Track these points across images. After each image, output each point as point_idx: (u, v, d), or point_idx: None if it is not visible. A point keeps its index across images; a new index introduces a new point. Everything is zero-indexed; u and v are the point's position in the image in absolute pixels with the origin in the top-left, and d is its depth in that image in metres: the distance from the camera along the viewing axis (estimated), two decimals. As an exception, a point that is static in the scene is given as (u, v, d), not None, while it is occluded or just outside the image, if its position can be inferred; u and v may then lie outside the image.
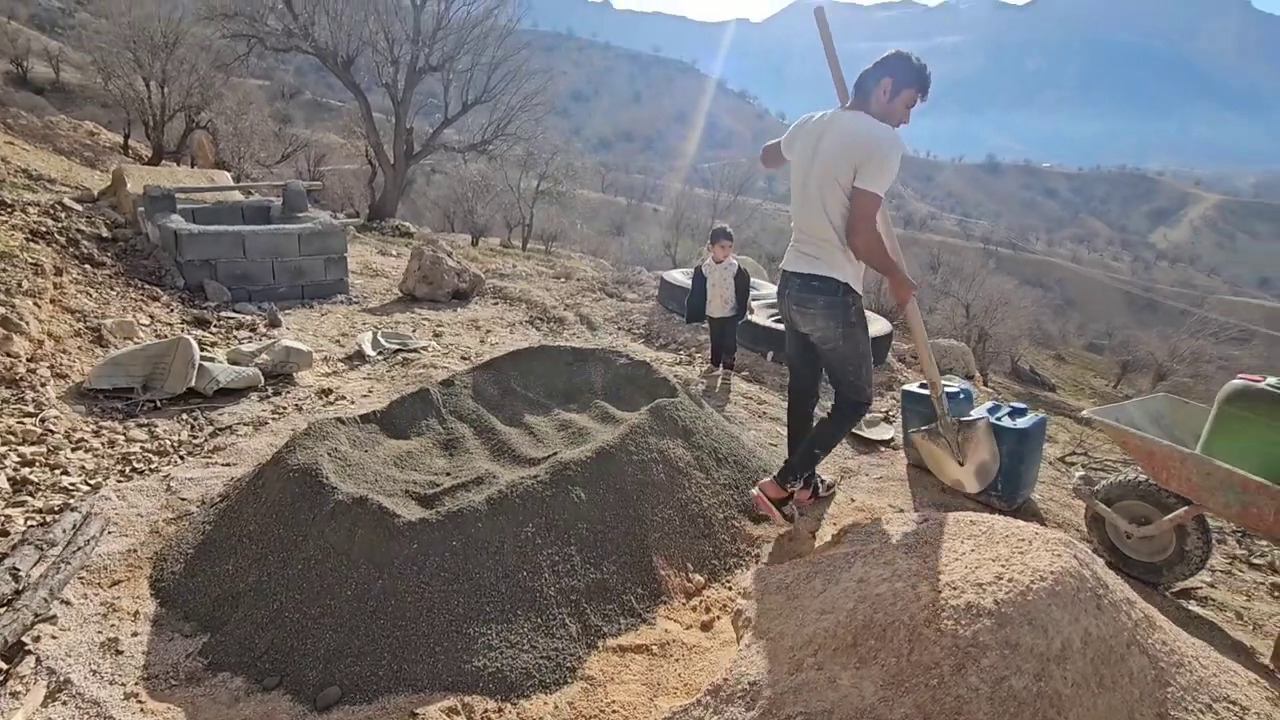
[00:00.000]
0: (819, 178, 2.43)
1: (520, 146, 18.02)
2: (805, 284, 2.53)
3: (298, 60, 18.14)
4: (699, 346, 5.58)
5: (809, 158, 2.48)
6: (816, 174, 2.44)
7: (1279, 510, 2.07)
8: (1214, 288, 73.66)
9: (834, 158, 2.38)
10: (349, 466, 2.55)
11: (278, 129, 24.54)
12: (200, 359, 3.64)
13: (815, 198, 2.45)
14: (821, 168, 2.42)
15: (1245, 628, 2.50)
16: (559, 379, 3.71)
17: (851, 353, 2.56)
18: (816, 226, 2.47)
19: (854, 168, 2.32)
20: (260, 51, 14.85)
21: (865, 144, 2.31)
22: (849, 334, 2.52)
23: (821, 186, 2.43)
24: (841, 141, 2.37)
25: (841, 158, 2.35)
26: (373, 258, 8.52)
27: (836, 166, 2.37)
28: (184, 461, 2.98)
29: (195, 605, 2.14)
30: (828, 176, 2.40)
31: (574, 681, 2.00)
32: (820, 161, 2.43)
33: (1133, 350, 21.90)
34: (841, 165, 2.35)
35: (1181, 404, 2.81)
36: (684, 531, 2.65)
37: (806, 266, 2.52)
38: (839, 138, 2.39)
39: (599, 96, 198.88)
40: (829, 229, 2.44)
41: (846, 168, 2.34)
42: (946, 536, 1.64)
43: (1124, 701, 1.29)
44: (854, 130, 2.35)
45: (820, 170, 2.42)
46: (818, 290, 2.50)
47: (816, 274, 2.49)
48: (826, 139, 2.43)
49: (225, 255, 5.63)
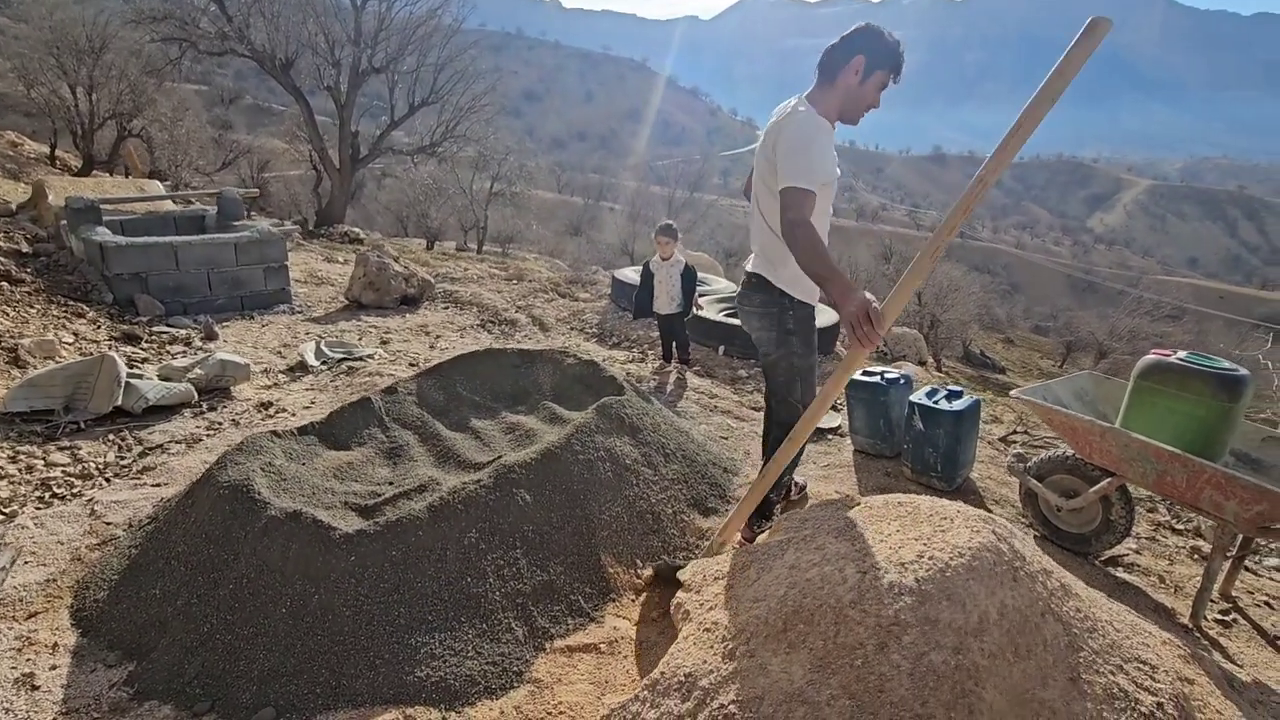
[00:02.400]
0: (757, 179, 2.35)
1: (471, 148, 17.77)
2: (747, 280, 2.48)
3: (236, 64, 17.51)
4: (652, 344, 5.60)
5: (755, 163, 2.39)
6: (756, 176, 2.35)
7: (1189, 477, 2.18)
8: (1148, 268, 77.23)
9: (762, 157, 2.27)
10: (285, 481, 2.48)
11: (217, 135, 23.68)
12: (128, 376, 3.49)
13: (755, 199, 2.39)
14: (757, 169, 2.33)
15: (1168, 590, 2.63)
16: (506, 382, 3.68)
17: (786, 365, 2.40)
18: (757, 228, 2.41)
19: (772, 163, 2.16)
20: (194, 55, 14.31)
21: (777, 136, 2.13)
22: (783, 341, 2.37)
23: (757, 186, 2.35)
24: (767, 138, 2.24)
25: (763, 153, 2.24)
26: (318, 265, 8.30)
27: (763, 166, 2.26)
28: (110, 484, 2.85)
29: (120, 633, 2.05)
30: (759, 177, 2.31)
31: (521, 685, 1.99)
32: (756, 163, 2.34)
33: (1075, 331, 22.79)
34: (766, 164, 2.23)
35: (1104, 380, 2.94)
36: (632, 528, 2.65)
37: (751, 265, 2.48)
38: (766, 134, 2.27)
39: (551, 96, 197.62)
40: (765, 230, 2.35)
41: (767, 164, 2.22)
42: (875, 519, 1.68)
43: (1038, 668, 1.34)
44: (775, 125, 2.20)
45: (757, 171, 2.34)
46: (755, 288, 2.43)
47: (756, 273, 2.42)
48: (765, 139, 2.31)
49: (156, 267, 5.40)
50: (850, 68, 2.14)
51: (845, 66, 2.15)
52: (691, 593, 1.81)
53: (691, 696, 1.42)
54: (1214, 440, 2.27)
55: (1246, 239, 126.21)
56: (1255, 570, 2.92)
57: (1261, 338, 14.10)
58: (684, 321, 4.79)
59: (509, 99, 21.13)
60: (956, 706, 1.23)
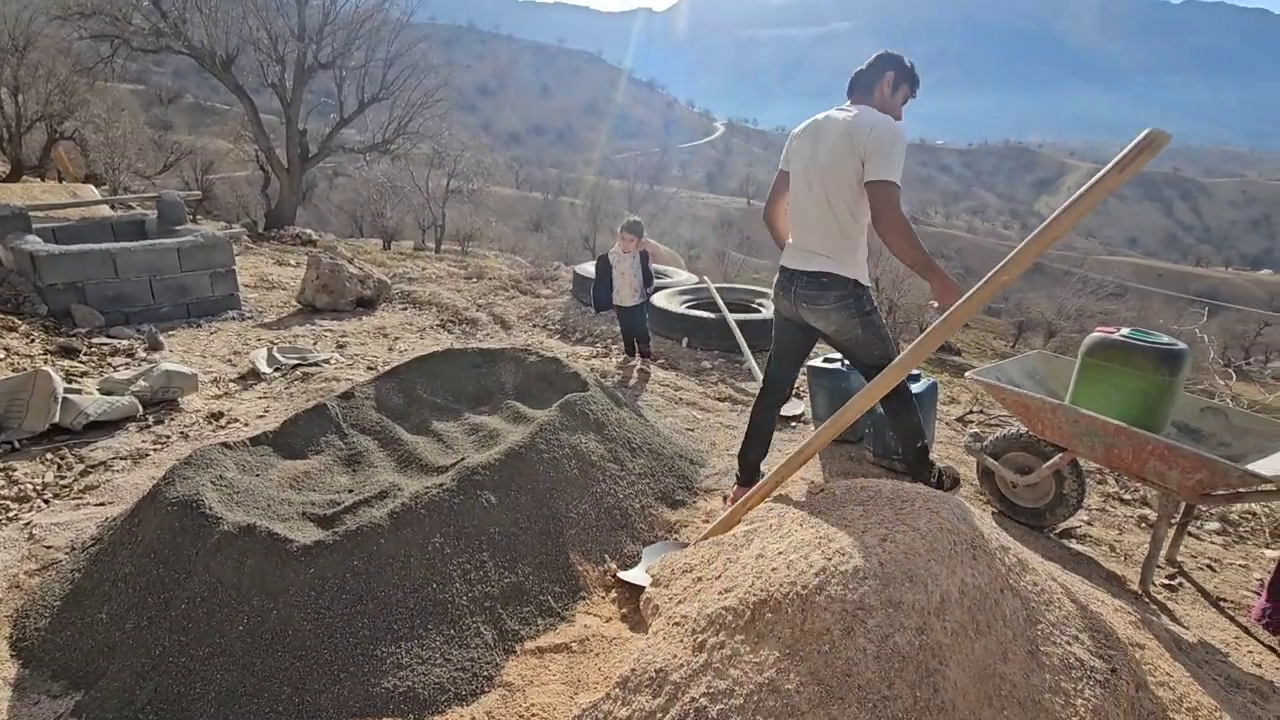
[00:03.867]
0: (823, 174, 2.41)
1: (426, 145, 17.43)
2: (814, 281, 2.49)
3: (174, 61, 16.79)
4: (615, 338, 5.58)
5: (808, 158, 2.46)
6: (820, 171, 2.41)
7: (1135, 449, 2.26)
8: (1091, 249, 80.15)
9: (839, 152, 2.35)
10: (237, 494, 2.39)
11: (157, 136, 22.75)
12: (65, 391, 3.32)
13: (820, 196, 2.43)
14: (826, 164, 2.39)
15: (1118, 559, 2.73)
16: (468, 382, 3.62)
17: (875, 337, 2.54)
18: (823, 224, 2.45)
19: (860, 159, 2.29)
20: (127, 53, 13.65)
21: (868, 133, 2.28)
22: (866, 321, 2.51)
23: (826, 183, 2.40)
24: (844, 134, 2.34)
25: (846, 151, 2.32)
26: (269, 269, 8.04)
27: (842, 161, 2.34)
28: (49, 505, 2.71)
29: (65, 661, 1.95)
30: (834, 172, 2.38)
31: (492, 690, 1.96)
32: (823, 159, 2.40)
33: (1026, 311, 23.52)
34: (846, 159, 2.32)
35: (1053, 359, 3.03)
36: (601, 525, 2.64)
37: (814, 264, 2.48)
38: (841, 131, 2.36)
39: (506, 90, 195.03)
40: (837, 226, 2.43)
41: (852, 160, 2.31)
42: (839, 504, 1.70)
43: (999, 643, 1.37)
44: (855, 121, 2.33)
45: (824, 167, 2.40)
46: (826, 286, 2.48)
47: (825, 271, 2.46)
48: (827, 136, 2.40)
49: (94, 276, 5.16)
50: (884, 82, 2.46)
51: (879, 81, 2.46)
52: (660, 587, 1.80)
53: (663, 692, 1.42)
54: (1157, 413, 2.36)
55: (1181, 218, 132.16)
56: (1198, 535, 3.06)
57: (1198, 312, 14.80)
58: (644, 313, 4.78)
59: (463, 94, 20.79)
60: (921, 685, 1.25)
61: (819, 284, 2.49)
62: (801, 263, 2.54)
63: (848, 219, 2.41)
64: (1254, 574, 2.72)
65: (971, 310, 1.73)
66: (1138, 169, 1.44)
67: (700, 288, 6.12)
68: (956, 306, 1.74)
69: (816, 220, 2.48)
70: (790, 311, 2.67)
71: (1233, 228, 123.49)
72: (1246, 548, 3.00)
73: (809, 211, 2.50)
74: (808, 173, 2.49)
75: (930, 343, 1.79)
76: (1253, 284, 62.87)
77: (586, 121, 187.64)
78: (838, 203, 2.41)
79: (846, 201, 2.39)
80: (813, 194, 2.47)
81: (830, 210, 2.43)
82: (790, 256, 2.62)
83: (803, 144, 2.52)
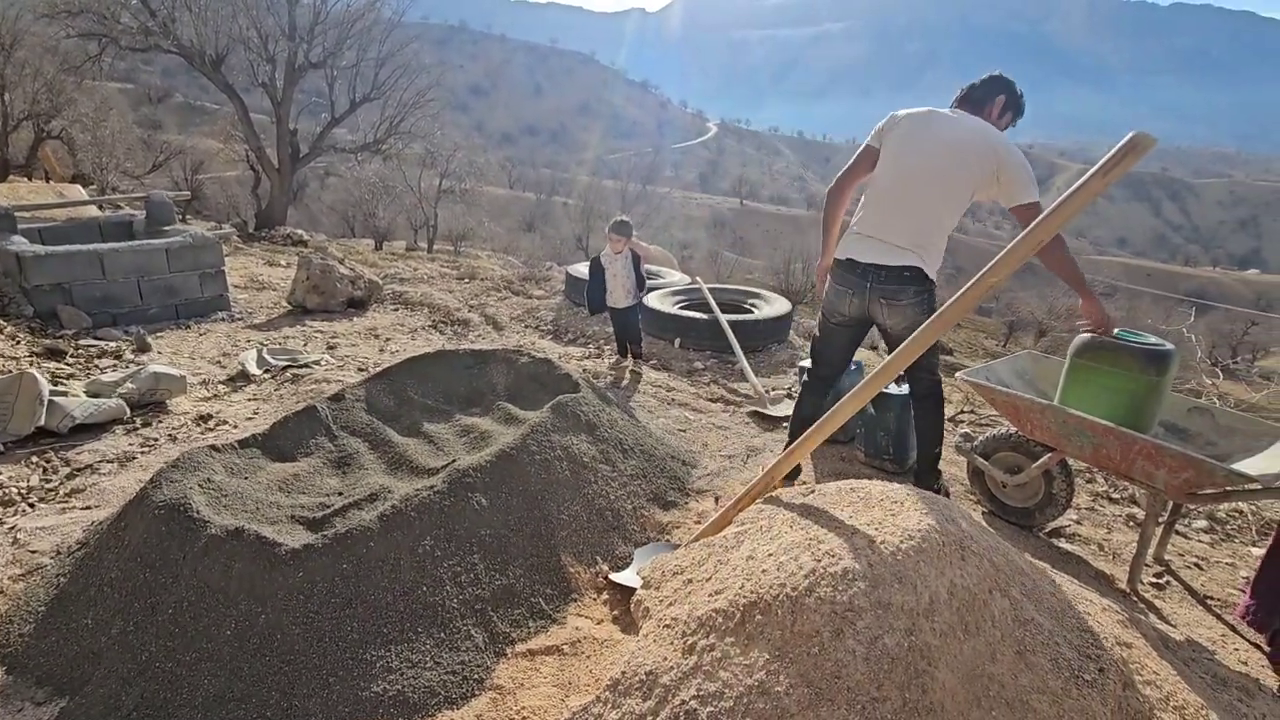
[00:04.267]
0: (937, 172, 2.38)
1: (418, 144, 17.37)
2: (896, 275, 2.45)
3: (164, 60, 16.67)
4: (608, 339, 5.57)
5: (916, 149, 2.43)
6: (932, 168, 2.39)
7: (1123, 449, 2.28)
8: (1081, 249, 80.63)
9: (963, 153, 2.34)
10: (225, 497, 2.37)
11: (146, 136, 22.56)
12: (51, 394, 3.29)
13: (925, 191, 2.41)
14: (943, 163, 2.37)
15: (1106, 558, 2.75)
16: (459, 383, 3.61)
17: None
18: (920, 219, 2.42)
19: (992, 173, 2.31)
20: (115, 52, 13.53)
21: (1006, 151, 2.31)
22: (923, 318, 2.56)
23: (939, 180, 2.38)
24: (975, 139, 2.34)
25: (973, 156, 2.33)
26: (259, 270, 7.99)
27: (965, 163, 2.33)
28: (35, 509, 2.68)
29: (50, 668, 1.93)
30: (951, 173, 2.36)
31: (482, 693, 1.95)
32: (941, 156, 2.37)
33: (1016, 311, 23.65)
34: (972, 162, 2.33)
35: (1043, 359, 3.05)
36: (592, 526, 2.63)
37: (898, 259, 2.44)
38: (969, 134, 2.36)
39: (499, 90, 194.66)
40: (935, 223, 2.42)
41: (978, 165, 2.32)
42: (828, 505, 1.70)
43: (987, 644, 1.37)
44: (987, 132, 2.37)
45: (941, 165, 2.37)
46: (909, 281, 2.45)
47: (910, 265, 2.43)
48: (946, 133, 2.39)
49: (80, 277, 5.11)
50: (995, 103, 2.51)
51: (991, 102, 2.51)
52: (651, 589, 1.80)
53: (653, 695, 1.41)
54: (1144, 412, 2.38)
55: (1170, 219, 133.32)
56: (1185, 534, 3.08)
57: (1185, 312, 14.93)
58: (637, 314, 4.78)
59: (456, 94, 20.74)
60: (910, 687, 1.26)
61: (902, 279, 2.45)
62: (883, 256, 2.47)
63: (948, 219, 2.44)
64: (1241, 572, 2.75)
65: (960, 312, 1.74)
66: (1122, 172, 1.45)
67: (693, 288, 6.12)
68: (945, 309, 1.75)
69: (914, 213, 2.43)
70: (858, 310, 2.59)
71: (1220, 228, 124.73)
72: (1234, 545, 3.02)
73: (906, 203, 2.44)
74: (911, 164, 2.43)
75: (918, 345, 1.79)
76: (1240, 283, 63.50)
77: (579, 122, 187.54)
78: (945, 202, 2.40)
79: (951, 203, 2.41)
80: (915, 187, 2.43)
81: (933, 207, 2.41)
82: (866, 250, 2.51)
83: (911, 134, 2.46)
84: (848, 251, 2.57)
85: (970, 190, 2.39)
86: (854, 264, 2.54)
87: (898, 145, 2.48)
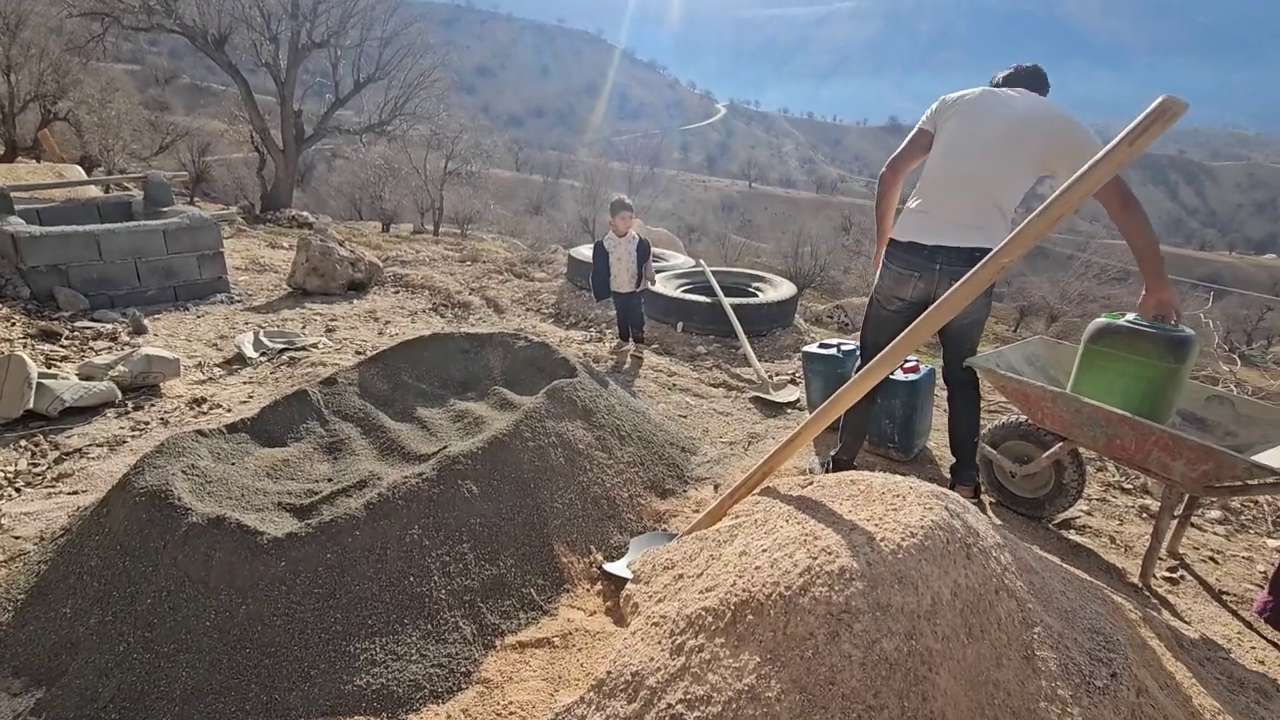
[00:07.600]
0: (1005, 149, 2.33)
1: (424, 126, 17.20)
2: (967, 257, 2.37)
3: (170, 42, 16.59)
4: (609, 323, 5.48)
5: (980, 129, 2.38)
6: (999, 147, 2.34)
7: (1138, 440, 2.18)
8: (1095, 233, 79.55)
9: (1035, 125, 2.30)
10: (210, 483, 2.32)
11: (152, 117, 22.46)
12: (41, 376, 3.24)
13: (993, 171, 2.35)
14: (1010, 141, 2.32)
15: (1118, 550, 2.66)
16: (454, 367, 3.53)
17: (983, 321, 2.62)
18: (988, 197, 2.37)
19: (1065, 143, 2.25)
20: (119, 32, 13.43)
21: (1077, 130, 2.26)
22: (987, 304, 2.57)
23: (1004, 160, 2.33)
24: (1043, 111, 2.32)
25: (1048, 124, 2.30)
26: (261, 251, 7.93)
27: (1033, 139, 2.30)
28: (21, 494, 2.64)
29: (27, 657, 1.89)
30: (1018, 149, 2.32)
31: (469, 687, 1.90)
32: (1012, 126, 2.33)
33: (1028, 296, 23.30)
34: (1039, 138, 2.29)
35: (1055, 345, 2.94)
36: (587, 515, 2.57)
37: (972, 240, 2.38)
38: (1038, 105, 2.35)
39: (506, 71, 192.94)
40: (1002, 203, 2.37)
41: (1045, 141, 2.28)
42: (827, 499, 1.62)
43: (992, 648, 1.30)
44: (1052, 109, 2.34)
45: (1012, 134, 2.32)
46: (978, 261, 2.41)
47: (984, 247, 2.35)
48: (1017, 105, 2.36)
49: (78, 258, 5.06)
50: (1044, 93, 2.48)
51: (1047, 90, 2.49)
52: (641, 583, 1.73)
53: (638, 697, 1.35)
54: (1161, 401, 2.27)
55: (1186, 202, 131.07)
56: (1200, 526, 2.99)
57: (1202, 297, 14.65)
58: (641, 299, 4.69)
59: (461, 75, 20.52)
60: (909, 695, 1.18)
61: (972, 260, 2.34)
62: (952, 238, 2.40)
63: (1013, 197, 2.39)
64: (1257, 566, 2.65)
65: (970, 294, 1.64)
66: (1150, 140, 1.34)
67: (696, 271, 6.01)
68: (954, 290, 1.65)
69: (982, 192, 2.37)
70: (922, 294, 2.52)
71: (1238, 211, 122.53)
72: (1249, 537, 2.92)
73: (973, 181, 2.38)
74: (981, 139, 2.37)
75: (926, 328, 1.70)
76: (1256, 268, 62.46)
77: (586, 103, 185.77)
78: (1011, 179, 2.35)
79: (1016, 181, 2.36)
80: (984, 162, 2.36)
81: (1000, 186, 2.36)
82: (933, 231, 2.44)
83: (975, 110, 2.41)
84: (910, 234, 2.50)
85: (1041, 160, 2.32)
86: (918, 246, 2.47)
87: (960, 122, 2.43)
